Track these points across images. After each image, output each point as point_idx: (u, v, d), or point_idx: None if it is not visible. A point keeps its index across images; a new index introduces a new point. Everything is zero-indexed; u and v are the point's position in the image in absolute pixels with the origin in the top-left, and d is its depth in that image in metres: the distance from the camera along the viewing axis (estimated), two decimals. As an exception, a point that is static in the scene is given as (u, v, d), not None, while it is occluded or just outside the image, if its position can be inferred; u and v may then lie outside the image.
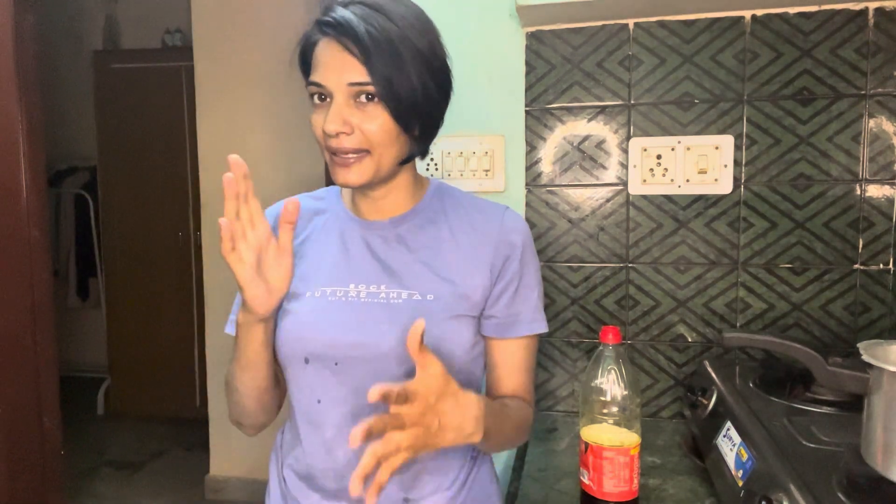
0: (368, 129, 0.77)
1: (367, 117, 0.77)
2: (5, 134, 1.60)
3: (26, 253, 1.64)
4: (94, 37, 3.96)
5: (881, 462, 0.66)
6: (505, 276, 0.85)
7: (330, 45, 0.78)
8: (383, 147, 0.78)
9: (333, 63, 0.77)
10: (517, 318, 0.86)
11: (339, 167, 0.79)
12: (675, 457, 1.04)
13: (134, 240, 3.62)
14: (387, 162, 0.80)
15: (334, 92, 0.77)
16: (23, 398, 1.65)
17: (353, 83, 0.76)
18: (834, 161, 1.13)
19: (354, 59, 0.76)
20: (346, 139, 0.77)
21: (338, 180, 0.80)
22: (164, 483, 2.99)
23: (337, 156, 0.78)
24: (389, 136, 0.78)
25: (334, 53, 0.77)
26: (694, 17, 1.16)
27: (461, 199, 0.90)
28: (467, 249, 0.85)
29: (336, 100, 0.77)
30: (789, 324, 1.17)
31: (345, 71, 0.76)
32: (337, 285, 0.84)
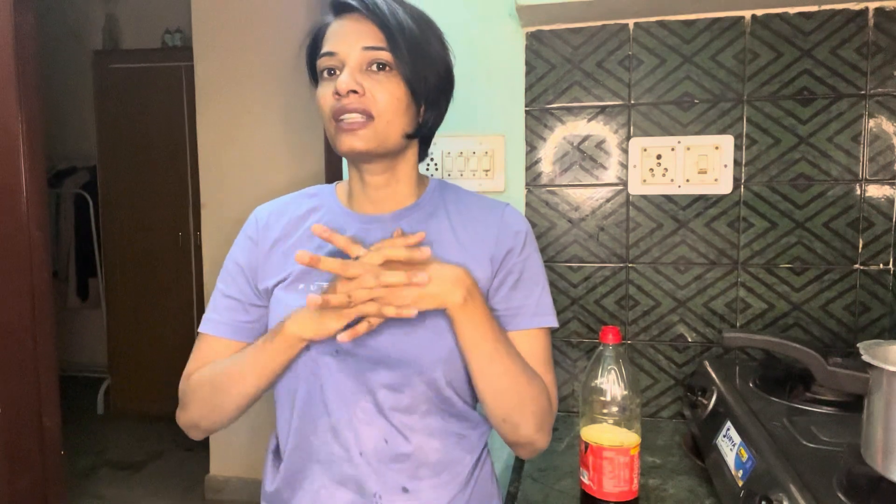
0: (379, 96, 0.77)
1: (379, 85, 0.78)
2: (5, 134, 1.60)
3: (26, 253, 1.64)
4: (94, 37, 3.96)
5: (881, 462, 0.66)
6: (504, 267, 0.85)
7: (348, 19, 0.80)
8: (390, 115, 0.78)
9: (349, 30, 0.79)
10: (519, 311, 0.85)
11: (344, 133, 0.78)
12: (675, 457, 1.04)
13: (134, 240, 3.62)
14: (393, 132, 0.80)
15: (347, 57, 0.77)
16: (23, 398, 1.65)
17: (368, 47, 0.77)
18: (834, 161, 1.13)
19: (373, 26, 0.78)
20: (356, 99, 0.76)
21: (342, 147, 0.79)
22: (164, 483, 2.99)
23: (342, 121, 0.78)
24: (399, 105, 0.79)
25: (351, 23, 0.79)
26: (694, 17, 1.16)
27: (462, 195, 0.91)
28: (468, 243, 0.85)
29: (349, 64, 0.77)
30: (789, 324, 1.17)
31: (360, 36, 0.78)
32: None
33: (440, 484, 0.83)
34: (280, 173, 2.69)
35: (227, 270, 0.92)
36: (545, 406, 0.82)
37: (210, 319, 0.91)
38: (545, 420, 0.82)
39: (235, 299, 0.89)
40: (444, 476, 0.83)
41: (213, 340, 0.90)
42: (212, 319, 0.90)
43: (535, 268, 0.88)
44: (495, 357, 0.78)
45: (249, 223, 0.93)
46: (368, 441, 0.81)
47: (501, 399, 0.79)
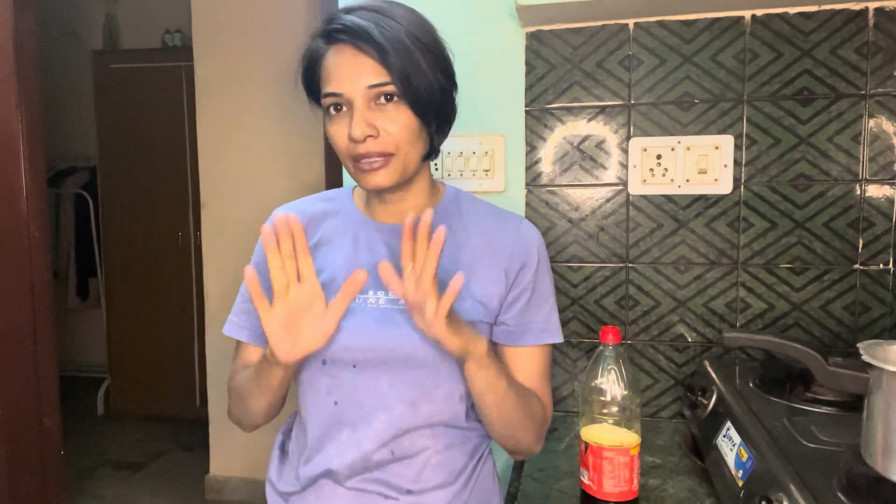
0: (392, 130, 0.78)
1: (389, 118, 0.78)
2: (5, 134, 1.60)
3: (26, 253, 1.64)
4: (94, 37, 3.96)
5: (881, 462, 0.66)
6: (519, 284, 0.86)
7: (342, 51, 0.78)
8: (408, 146, 0.79)
9: (349, 68, 0.77)
10: (528, 328, 0.86)
11: (366, 172, 0.79)
12: (675, 457, 1.04)
13: (134, 240, 3.62)
14: (412, 160, 0.81)
15: (354, 98, 0.77)
16: (23, 398, 1.65)
17: (372, 85, 0.76)
18: (834, 161, 1.13)
19: (371, 60, 0.76)
20: (373, 143, 0.77)
21: (368, 185, 0.80)
22: (164, 483, 2.99)
23: (362, 161, 0.78)
24: (412, 134, 0.79)
25: (349, 59, 0.77)
26: (694, 17, 1.16)
27: (477, 206, 0.91)
28: (484, 255, 0.86)
29: (357, 105, 0.77)
30: (789, 324, 1.17)
31: (362, 74, 0.76)
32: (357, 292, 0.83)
33: (443, 483, 0.84)
34: (280, 173, 2.69)
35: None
36: (542, 421, 0.88)
37: (230, 321, 0.93)
38: (542, 432, 0.89)
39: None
40: (446, 476, 0.84)
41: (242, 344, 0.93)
42: (232, 322, 0.93)
43: (546, 284, 0.89)
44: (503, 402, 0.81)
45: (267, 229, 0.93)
46: (378, 454, 0.82)
47: (505, 427, 0.84)
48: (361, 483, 0.82)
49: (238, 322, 0.92)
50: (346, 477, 0.83)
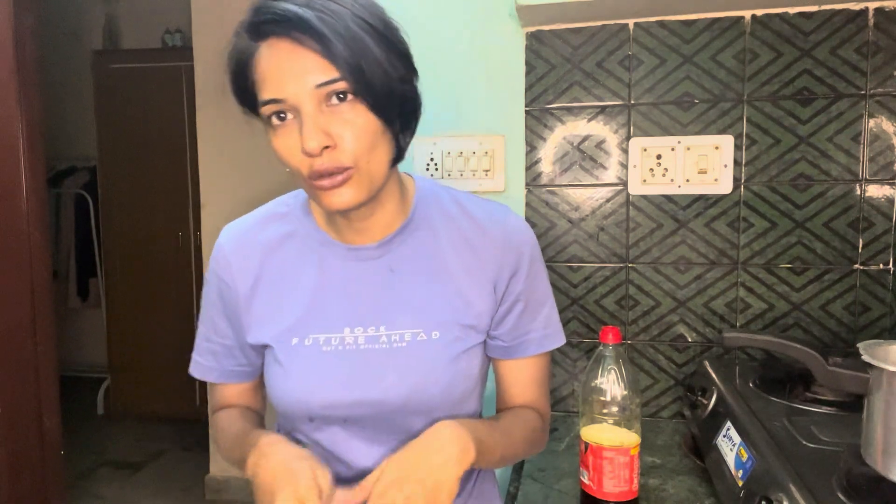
0: (349, 137, 0.65)
1: (345, 122, 0.64)
2: (5, 134, 1.60)
3: (26, 253, 1.64)
4: (94, 37, 3.96)
5: (881, 462, 0.66)
6: (510, 295, 0.78)
7: (277, 47, 0.64)
8: (369, 153, 0.66)
9: (288, 67, 0.63)
10: (525, 338, 0.80)
11: (327, 192, 0.66)
12: (675, 457, 1.04)
13: (134, 240, 3.62)
14: (378, 170, 0.68)
15: (300, 102, 0.64)
16: (23, 398, 1.65)
17: (320, 84, 0.63)
18: (834, 161, 1.13)
19: (313, 54, 0.63)
20: (331, 156, 0.64)
21: (332, 206, 0.67)
22: (164, 483, 2.99)
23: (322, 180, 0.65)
24: (374, 138, 0.66)
25: (286, 56, 0.64)
26: (694, 17, 1.16)
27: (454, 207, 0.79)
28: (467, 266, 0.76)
29: (305, 111, 0.64)
30: (789, 324, 1.17)
31: (305, 72, 0.63)
32: (330, 331, 0.74)
33: None
34: (280, 173, 2.68)
35: (206, 313, 0.83)
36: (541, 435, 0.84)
37: (195, 362, 0.84)
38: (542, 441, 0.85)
39: (219, 344, 0.82)
40: None
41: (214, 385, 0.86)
42: (198, 364, 0.84)
43: (542, 287, 0.81)
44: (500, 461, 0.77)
45: (217, 260, 0.80)
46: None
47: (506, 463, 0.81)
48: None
49: (205, 364, 0.84)
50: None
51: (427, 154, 1.28)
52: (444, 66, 1.26)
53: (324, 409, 0.74)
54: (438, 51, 1.26)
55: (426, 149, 1.28)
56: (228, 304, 0.79)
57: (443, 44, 1.26)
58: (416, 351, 0.74)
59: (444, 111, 1.26)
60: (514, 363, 0.82)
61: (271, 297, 0.77)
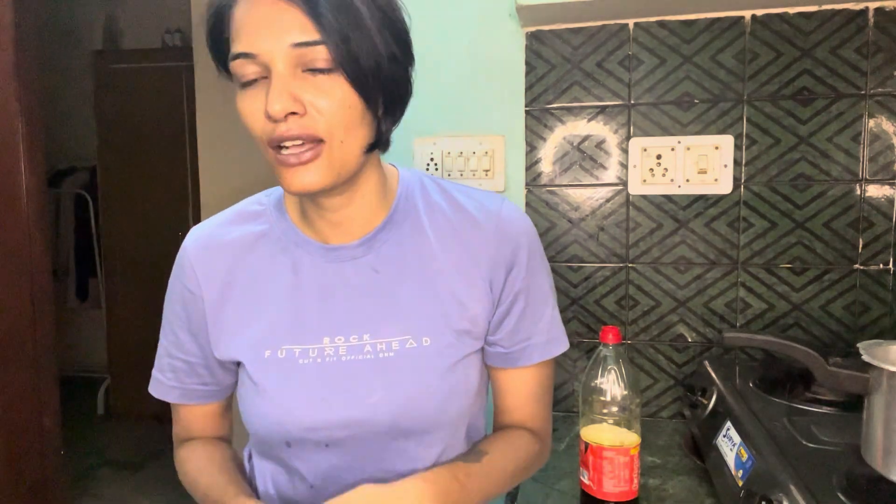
0: (325, 107, 0.57)
1: (321, 92, 0.57)
2: (5, 134, 1.60)
3: (26, 253, 1.64)
4: (94, 37, 3.96)
5: (881, 462, 0.66)
6: (509, 294, 0.70)
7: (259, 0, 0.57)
8: (343, 130, 0.59)
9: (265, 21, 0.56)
10: (528, 344, 0.72)
11: (289, 168, 0.59)
12: (675, 457, 1.04)
13: (134, 240, 3.62)
14: (351, 152, 0.61)
15: (272, 60, 0.57)
16: (23, 398, 1.65)
17: (297, 44, 0.56)
18: (834, 161, 1.13)
19: (296, 10, 0.56)
20: (298, 122, 0.57)
21: (292, 187, 0.60)
22: (164, 483, 2.99)
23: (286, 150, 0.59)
24: (351, 115, 0.59)
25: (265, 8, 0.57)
26: (694, 17, 1.16)
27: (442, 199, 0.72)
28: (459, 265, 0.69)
29: (277, 70, 0.57)
30: (789, 324, 1.17)
31: (284, 29, 0.56)
32: (307, 342, 0.66)
33: None
34: (280, 173, 2.69)
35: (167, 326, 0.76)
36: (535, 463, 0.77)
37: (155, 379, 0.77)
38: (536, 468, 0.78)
39: (181, 360, 0.75)
40: None
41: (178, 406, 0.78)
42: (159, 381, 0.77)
43: (543, 284, 0.73)
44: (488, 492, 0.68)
45: (182, 265, 0.73)
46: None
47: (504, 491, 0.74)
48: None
49: (165, 381, 0.77)
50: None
51: (427, 154, 1.28)
52: (444, 66, 1.26)
53: (302, 432, 0.66)
54: (438, 51, 1.26)
55: (426, 149, 1.28)
56: (193, 315, 0.72)
57: (443, 44, 1.26)
58: (405, 361, 0.66)
59: (444, 111, 1.26)
60: (515, 373, 0.73)
61: (242, 305, 0.70)
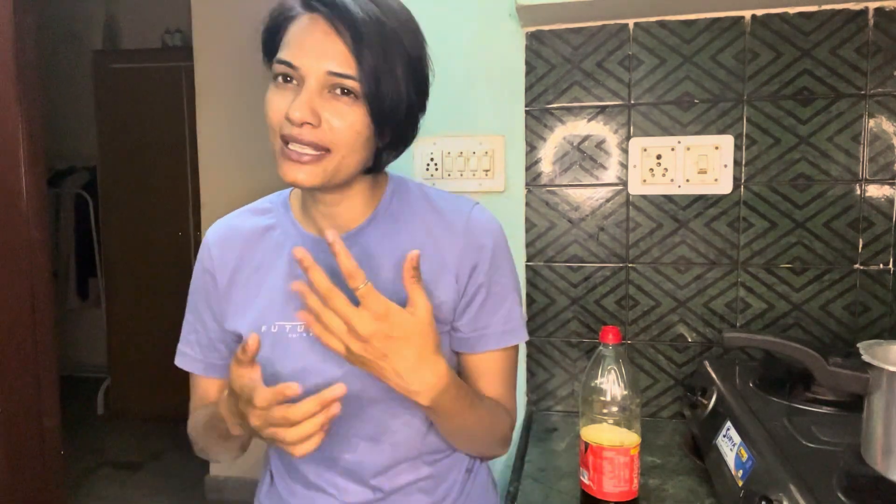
0: (337, 127, 0.68)
1: (338, 113, 0.68)
2: (5, 134, 1.60)
3: (26, 253, 1.64)
4: (94, 37, 3.96)
5: (881, 462, 0.66)
6: (471, 287, 0.78)
7: (315, 23, 0.68)
8: (347, 149, 0.69)
9: (315, 44, 0.67)
10: (484, 333, 0.80)
11: (290, 162, 0.69)
12: (675, 457, 1.04)
13: (134, 240, 3.62)
14: (347, 167, 0.71)
15: (308, 76, 0.67)
16: (23, 398, 1.65)
17: (333, 72, 0.67)
18: (834, 161, 1.13)
19: (343, 45, 0.67)
20: (309, 132, 0.67)
21: (286, 177, 0.70)
22: (164, 483, 2.99)
23: (290, 147, 0.69)
24: (358, 139, 0.69)
25: (318, 34, 0.68)
26: (694, 17, 1.16)
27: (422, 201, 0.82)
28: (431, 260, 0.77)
29: (308, 85, 0.67)
30: (789, 324, 1.17)
31: (327, 57, 0.67)
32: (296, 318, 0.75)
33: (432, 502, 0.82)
34: (280, 173, 2.69)
35: (192, 304, 0.86)
36: (509, 429, 0.84)
37: (182, 354, 0.86)
38: (507, 441, 0.86)
39: (204, 336, 0.85)
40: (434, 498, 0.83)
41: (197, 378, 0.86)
42: (184, 354, 0.86)
43: (504, 280, 0.81)
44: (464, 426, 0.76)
45: (202, 252, 0.86)
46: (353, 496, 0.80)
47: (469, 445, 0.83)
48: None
49: (191, 354, 0.86)
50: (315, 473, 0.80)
51: (427, 154, 1.28)
52: (444, 65, 1.26)
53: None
54: (438, 51, 1.25)
55: (426, 149, 1.28)
56: (210, 295, 0.84)
57: (443, 44, 1.26)
58: None
59: (444, 111, 1.26)
60: (478, 357, 0.81)
61: (247, 288, 0.81)
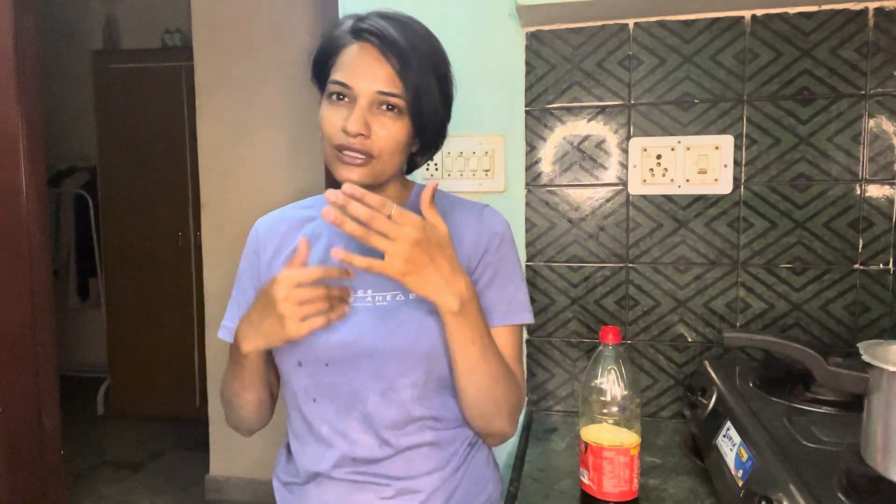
0: (382, 137, 0.81)
1: (384, 126, 0.81)
2: (5, 134, 1.60)
3: (26, 253, 1.64)
4: (94, 37, 3.96)
5: (881, 462, 0.66)
6: (480, 267, 0.88)
7: (366, 50, 0.81)
8: (389, 155, 0.82)
9: (367, 69, 0.80)
10: (491, 309, 0.87)
11: (344, 165, 0.82)
12: (675, 457, 1.04)
13: (134, 240, 3.62)
14: (388, 170, 0.84)
15: (360, 95, 0.80)
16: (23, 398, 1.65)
17: (383, 92, 0.80)
18: (834, 161, 1.13)
19: (390, 69, 0.80)
20: (362, 142, 0.80)
21: (340, 176, 0.82)
22: (164, 483, 2.99)
23: (344, 153, 0.81)
24: (397, 147, 0.83)
25: (370, 60, 0.81)
26: (694, 17, 1.16)
27: (441, 199, 0.93)
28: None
29: (360, 103, 0.80)
30: (789, 324, 1.17)
31: (377, 79, 0.80)
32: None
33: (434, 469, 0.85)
34: (280, 173, 2.69)
35: (238, 282, 0.98)
36: (518, 401, 0.87)
37: (224, 327, 0.96)
38: (516, 412, 0.88)
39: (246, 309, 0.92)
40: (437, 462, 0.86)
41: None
42: (226, 327, 0.95)
43: (509, 266, 0.90)
44: (481, 360, 0.80)
45: (250, 236, 0.98)
46: (363, 449, 0.84)
47: (481, 397, 0.83)
48: (352, 475, 0.85)
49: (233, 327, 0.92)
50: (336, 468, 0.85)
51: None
52: (444, 66, 1.26)
53: (311, 351, 0.84)
54: (438, 51, 1.26)
55: (426, 149, 1.28)
56: (256, 272, 0.94)
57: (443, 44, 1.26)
58: (393, 306, 0.85)
59: (444, 111, 1.26)
60: None
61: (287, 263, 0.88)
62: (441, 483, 0.85)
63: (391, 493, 0.84)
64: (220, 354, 2.79)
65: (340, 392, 0.84)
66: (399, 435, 0.84)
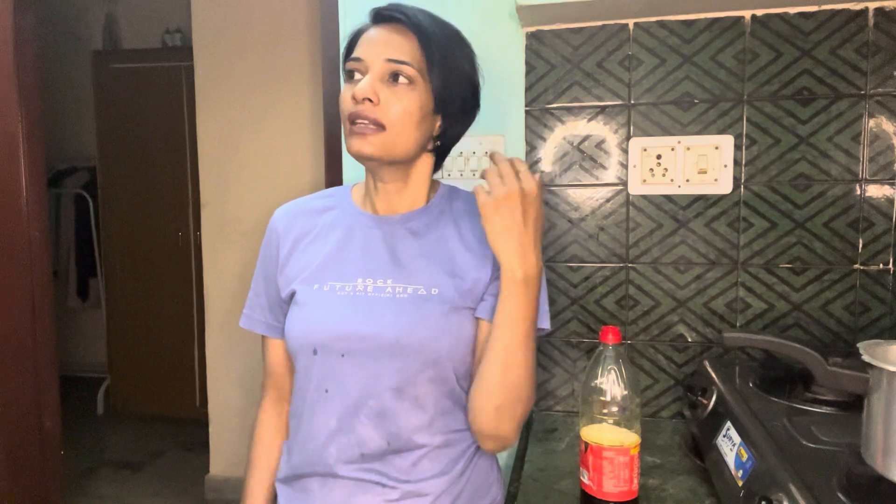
0: (392, 107, 0.80)
1: (395, 96, 0.80)
2: (5, 134, 1.60)
3: (26, 253, 1.64)
4: (94, 37, 3.96)
5: (881, 462, 0.66)
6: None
7: (383, 28, 0.83)
8: (401, 127, 0.81)
9: (377, 40, 0.82)
10: None
11: (355, 136, 0.81)
12: (675, 457, 1.04)
13: (134, 240, 3.62)
14: (403, 143, 0.83)
15: (371, 65, 0.81)
16: (23, 398, 1.65)
17: (391, 59, 0.80)
18: (834, 161, 1.13)
19: (403, 39, 0.81)
20: (370, 108, 0.80)
21: (351, 149, 0.82)
22: (164, 483, 2.99)
23: (355, 124, 0.81)
24: (410, 120, 0.81)
25: (382, 33, 0.82)
26: (694, 17, 1.16)
27: (469, 199, 0.93)
28: (472, 244, 0.88)
29: (372, 71, 0.81)
30: (789, 324, 1.17)
31: (387, 47, 0.81)
32: (345, 280, 0.86)
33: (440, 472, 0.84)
34: (280, 173, 2.69)
35: (258, 274, 0.98)
36: (528, 409, 0.83)
37: (245, 315, 0.98)
38: (523, 419, 0.84)
39: (265, 298, 0.96)
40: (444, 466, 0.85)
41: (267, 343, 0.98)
42: (248, 316, 0.98)
43: None
44: (525, 342, 0.78)
45: (270, 225, 0.98)
46: (371, 443, 0.83)
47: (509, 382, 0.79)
48: (358, 472, 0.83)
49: (253, 316, 0.97)
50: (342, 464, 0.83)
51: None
52: (444, 66, 1.26)
53: (329, 340, 0.83)
54: (438, 51, 1.26)
55: (426, 149, 1.28)
56: (274, 260, 0.94)
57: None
58: (414, 300, 0.83)
59: (444, 111, 1.26)
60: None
61: (304, 255, 0.91)
62: (447, 486, 0.84)
63: (397, 495, 0.82)
64: (221, 355, 2.80)
65: (354, 385, 0.83)
66: (409, 433, 0.83)
